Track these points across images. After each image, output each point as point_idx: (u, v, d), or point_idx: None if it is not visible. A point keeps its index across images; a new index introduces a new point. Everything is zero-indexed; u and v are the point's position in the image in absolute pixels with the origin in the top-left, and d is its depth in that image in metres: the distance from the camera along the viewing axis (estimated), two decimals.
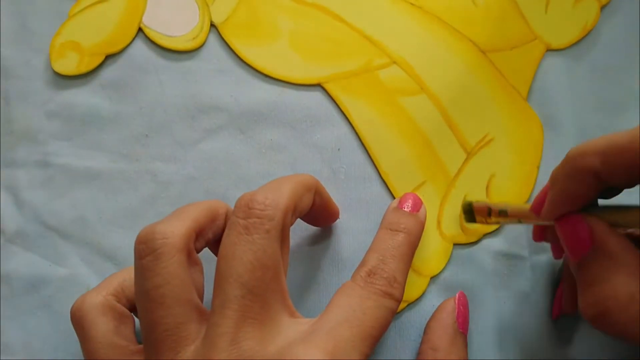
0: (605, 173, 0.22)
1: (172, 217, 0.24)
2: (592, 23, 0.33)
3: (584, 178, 0.22)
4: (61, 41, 0.32)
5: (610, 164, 0.21)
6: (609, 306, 0.21)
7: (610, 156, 0.21)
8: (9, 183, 0.31)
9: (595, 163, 0.22)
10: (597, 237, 0.23)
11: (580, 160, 0.22)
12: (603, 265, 0.22)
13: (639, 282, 0.21)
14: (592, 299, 0.22)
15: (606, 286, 0.22)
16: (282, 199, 0.23)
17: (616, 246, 0.22)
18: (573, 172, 0.23)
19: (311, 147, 0.32)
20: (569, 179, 0.23)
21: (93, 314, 0.24)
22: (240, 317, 0.21)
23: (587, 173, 0.22)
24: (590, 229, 0.23)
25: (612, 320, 0.21)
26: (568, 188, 0.23)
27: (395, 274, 0.25)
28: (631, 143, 0.21)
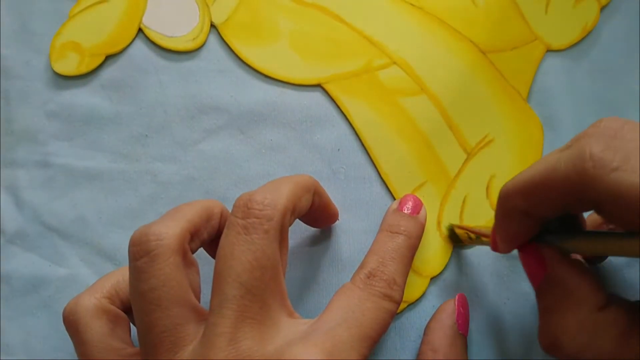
0: (530, 210, 0.22)
1: (166, 217, 0.24)
2: (592, 24, 0.33)
3: (516, 217, 0.23)
4: (61, 41, 0.32)
5: (531, 201, 0.22)
6: (559, 335, 0.22)
7: (529, 195, 0.22)
8: (9, 183, 0.31)
9: (518, 203, 0.22)
10: (549, 266, 0.23)
11: (507, 202, 0.23)
12: (555, 294, 0.22)
13: (587, 310, 0.21)
14: (545, 328, 0.23)
15: (556, 315, 0.22)
16: (280, 199, 0.23)
17: (566, 275, 0.22)
18: (505, 212, 0.23)
19: (311, 148, 0.32)
20: (504, 219, 0.24)
21: (87, 317, 0.24)
22: (238, 317, 0.21)
23: (516, 212, 0.23)
24: (542, 259, 0.23)
25: (563, 350, 0.22)
26: (507, 227, 0.24)
27: (394, 276, 0.25)
28: (544, 179, 0.21)
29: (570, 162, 0.20)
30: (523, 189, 0.22)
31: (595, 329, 0.21)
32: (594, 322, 0.21)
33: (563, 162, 0.20)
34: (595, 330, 0.21)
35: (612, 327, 0.21)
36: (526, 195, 0.22)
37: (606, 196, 0.19)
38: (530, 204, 0.22)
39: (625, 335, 0.20)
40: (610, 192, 0.19)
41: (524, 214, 0.22)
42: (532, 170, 0.22)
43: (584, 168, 0.19)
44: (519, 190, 0.22)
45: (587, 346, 0.21)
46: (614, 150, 0.19)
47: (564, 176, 0.20)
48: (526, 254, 0.24)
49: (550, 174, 0.21)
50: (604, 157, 0.19)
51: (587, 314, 0.21)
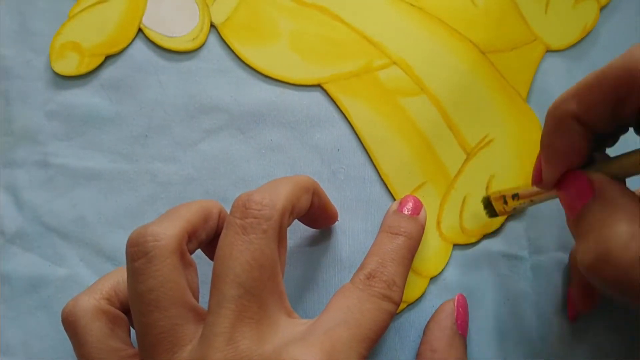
0: (584, 114, 0.22)
1: (163, 218, 0.23)
2: (592, 24, 0.33)
3: (568, 126, 0.22)
4: (61, 42, 0.32)
5: (585, 103, 0.22)
6: (609, 247, 0.21)
7: (583, 96, 0.22)
8: (9, 183, 0.31)
9: (572, 107, 0.22)
10: (597, 186, 0.22)
11: (559, 110, 0.22)
12: (603, 211, 0.22)
13: (639, 225, 0.21)
14: (592, 243, 0.22)
15: (607, 229, 0.21)
16: (279, 199, 0.23)
17: (616, 193, 0.22)
18: (556, 124, 0.23)
19: (311, 148, 0.32)
20: (554, 134, 0.23)
21: (86, 318, 0.24)
22: (237, 317, 0.21)
23: (569, 120, 0.22)
24: (589, 180, 0.23)
25: (611, 263, 0.20)
26: (557, 142, 0.23)
27: (394, 277, 0.25)
28: (598, 78, 0.21)
29: (620, 60, 0.20)
30: (576, 92, 0.22)
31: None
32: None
33: (614, 63, 0.21)
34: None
35: None
36: (580, 96, 0.22)
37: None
38: (584, 106, 0.22)
39: None
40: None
41: (577, 120, 0.22)
42: (584, 77, 0.22)
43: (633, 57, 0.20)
44: (572, 94, 0.22)
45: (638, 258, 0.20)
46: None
47: (617, 69, 0.20)
48: (570, 181, 0.24)
49: (602, 73, 0.21)
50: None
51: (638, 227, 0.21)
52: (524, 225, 0.31)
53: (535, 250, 0.31)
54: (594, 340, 0.30)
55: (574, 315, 0.29)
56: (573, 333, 0.30)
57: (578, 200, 0.23)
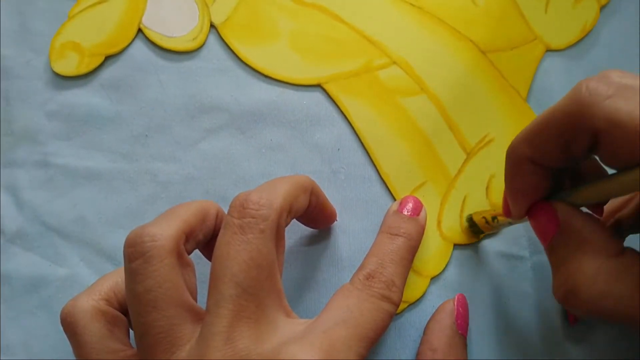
0: (536, 156, 0.23)
1: (160, 218, 0.23)
2: (592, 23, 0.33)
3: (524, 168, 0.23)
4: (61, 42, 0.32)
5: (535, 147, 0.22)
6: (576, 283, 0.22)
7: (533, 140, 0.22)
8: (9, 183, 0.31)
9: (524, 150, 0.23)
10: (562, 219, 0.23)
11: (513, 154, 0.23)
12: (569, 245, 0.23)
13: (603, 257, 0.21)
14: (562, 278, 0.22)
15: (573, 264, 0.22)
16: (276, 199, 0.23)
17: (579, 225, 0.23)
18: (513, 166, 0.24)
19: (311, 147, 0.32)
20: (513, 174, 0.24)
21: (85, 319, 0.24)
22: (235, 316, 0.21)
23: (523, 162, 0.23)
24: (555, 213, 0.23)
25: (581, 296, 0.21)
26: (517, 182, 0.24)
27: (394, 277, 0.25)
28: (544, 122, 0.22)
29: (567, 98, 0.21)
30: (527, 136, 0.23)
31: (613, 274, 0.21)
32: (611, 267, 0.21)
33: (562, 101, 0.21)
34: (613, 275, 0.21)
35: (630, 272, 0.21)
36: (530, 140, 0.22)
37: (602, 122, 0.20)
38: (535, 149, 0.22)
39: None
40: (605, 117, 0.19)
41: (531, 162, 0.23)
42: (534, 120, 0.22)
43: (581, 98, 0.20)
44: (523, 138, 0.23)
45: (606, 292, 0.21)
46: (609, 83, 0.20)
47: (563, 110, 0.21)
48: (537, 212, 0.24)
49: (550, 114, 0.21)
50: (598, 87, 0.20)
51: (604, 259, 0.21)
52: (524, 225, 0.31)
53: (535, 250, 0.31)
54: (594, 341, 0.30)
55: (574, 320, 0.29)
56: (573, 333, 0.30)
57: (546, 232, 0.24)
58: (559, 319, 0.30)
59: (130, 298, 0.22)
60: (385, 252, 0.26)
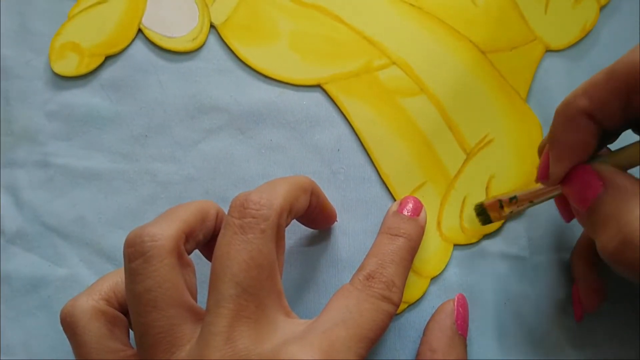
0: (595, 110, 0.22)
1: (160, 218, 0.23)
2: (592, 23, 0.33)
3: (578, 123, 0.23)
4: (61, 42, 0.32)
5: (596, 99, 0.22)
6: (630, 231, 0.21)
7: (594, 93, 0.22)
8: (9, 183, 0.31)
9: (583, 103, 0.23)
10: (607, 178, 0.23)
11: (570, 107, 0.23)
12: (617, 200, 0.22)
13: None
14: (612, 231, 0.22)
15: (625, 216, 0.22)
16: (277, 199, 0.23)
17: (625, 182, 0.23)
18: (566, 121, 0.23)
19: (311, 148, 0.32)
20: (565, 130, 0.24)
21: (85, 319, 0.24)
22: (235, 316, 0.21)
23: (579, 116, 0.23)
24: (597, 174, 0.23)
25: (635, 245, 0.21)
26: (567, 138, 0.24)
27: (394, 278, 0.25)
28: (608, 74, 0.22)
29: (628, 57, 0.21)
30: (587, 89, 0.22)
31: None
32: None
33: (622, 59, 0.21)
34: None
35: None
36: (591, 94, 0.22)
37: None
38: (595, 102, 0.22)
39: None
40: None
41: (587, 118, 0.23)
42: (594, 75, 0.22)
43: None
44: (582, 91, 0.23)
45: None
46: None
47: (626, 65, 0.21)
48: (579, 174, 0.24)
49: (611, 71, 0.21)
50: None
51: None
52: (524, 225, 0.31)
53: (535, 250, 0.31)
54: (594, 341, 0.30)
55: (580, 315, 0.29)
56: (573, 333, 0.30)
57: (588, 194, 0.23)
58: (559, 319, 0.30)
59: (130, 298, 0.22)
60: (385, 252, 0.26)
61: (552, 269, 0.30)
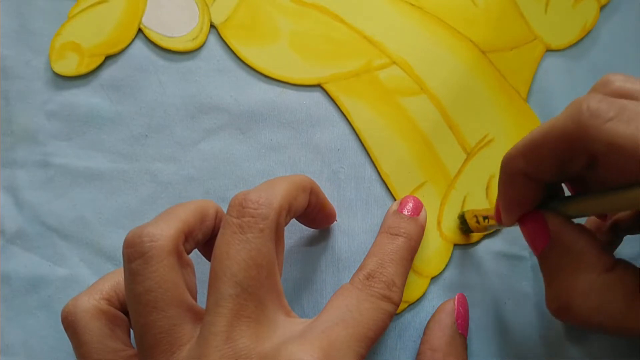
0: (531, 171, 0.22)
1: (159, 218, 0.23)
2: (592, 23, 0.33)
3: (518, 181, 0.23)
4: (61, 42, 0.32)
5: (531, 162, 0.22)
6: (569, 298, 0.22)
7: (529, 155, 0.22)
8: (9, 183, 0.31)
9: (520, 165, 0.23)
10: (553, 231, 0.23)
11: (509, 166, 0.23)
12: (561, 259, 0.23)
13: (596, 272, 0.21)
14: (554, 292, 0.23)
15: (565, 279, 0.22)
16: (275, 198, 0.23)
17: (572, 238, 0.23)
18: (507, 177, 0.24)
19: (311, 148, 0.32)
20: (506, 185, 0.24)
21: (86, 318, 0.24)
22: (234, 316, 0.21)
23: (518, 175, 0.23)
24: (546, 224, 0.23)
25: (573, 312, 0.22)
26: (510, 194, 0.24)
27: (394, 277, 0.25)
28: (542, 138, 0.21)
29: (567, 116, 0.20)
30: (523, 149, 0.22)
31: (605, 289, 0.21)
32: (603, 282, 0.21)
33: (561, 118, 0.21)
34: (605, 290, 0.21)
35: (622, 287, 0.21)
36: (526, 155, 0.22)
37: (602, 146, 0.19)
38: (530, 164, 0.22)
39: (635, 296, 0.21)
40: (605, 141, 0.19)
41: (525, 176, 0.23)
42: (532, 132, 0.22)
43: (580, 119, 0.20)
44: (519, 152, 0.22)
45: (598, 307, 0.21)
46: (610, 102, 0.20)
47: (562, 130, 0.20)
48: (529, 222, 0.24)
49: (548, 131, 0.21)
50: (599, 107, 0.20)
51: (596, 275, 0.21)
52: None
53: None
54: (594, 341, 0.29)
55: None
56: (573, 333, 0.30)
57: (537, 244, 0.24)
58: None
59: (129, 298, 0.22)
60: (386, 252, 0.26)
61: None
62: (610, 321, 0.21)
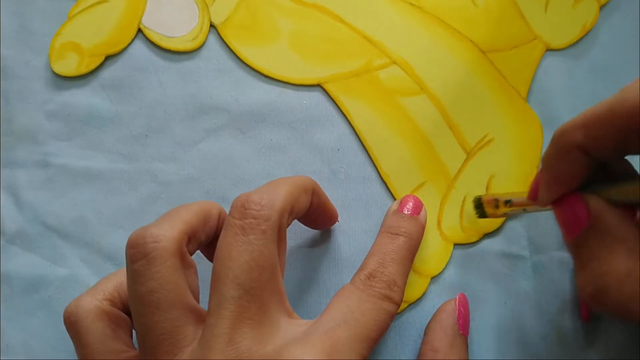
0: (590, 145, 0.22)
1: (162, 219, 0.23)
2: (592, 23, 0.33)
3: (571, 155, 0.22)
4: (61, 42, 0.32)
5: (592, 135, 0.21)
6: (606, 283, 0.21)
7: (591, 128, 0.21)
8: (9, 183, 0.31)
9: (578, 137, 0.22)
10: (594, 214, 0.22)
11: (565, 138, 0.22)
12: (600, 242, 0.22)
13: (637, 258, 0.21)
14: (590, 276, 0.22)
15: (604, 262, 0.21)
16: (278, 199, 0.23)
17: (614, 222, 0.22)
18: (560, 151, 0.23)
19: (311, 148, 0.32)
20: (557, 159, 0.23)
21: (88, 319, 0.24)
22: (236, 318, 0.21)
23: (573, 149, 0.22)
24: (586, 206, 0.23)
25: (610, 298, 0.21)
26: (558, 168, 0.23)
27: (394, 277, 0.25)
28: (609, 111, 0.21)
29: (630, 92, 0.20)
30: (585, 122, 0.21)
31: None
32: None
33: (625, 97, 0.20)
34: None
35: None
36: (589, 128, 0.21)
37: None
38: (591, 138, 0.21)
39: None
40: None
41: (581, 151, 0.22)
42: (595, 106, 0.21)
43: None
44: (580, 124, 0.22)
45: (635, 294, 0.20)
46: None
47: (629, 110, 0.20)
48: (568, 203, 0.23)
49: (614, 105, 0.20)
50: None
51: (636, 261, 0.21)
52: (525, 225, 0.31)
53: (536, 249, 0.31)
54: (595, 341, 0.30)
55: (587, 315, 0.29)
56: (573, 333, 0.30)
57: (574, 226, 0.23)
58: (560, 319, 0.30)
59: (132, 299, 0.22)
60: (386, 251, 0.26)
61: (553, 269, 0.30)
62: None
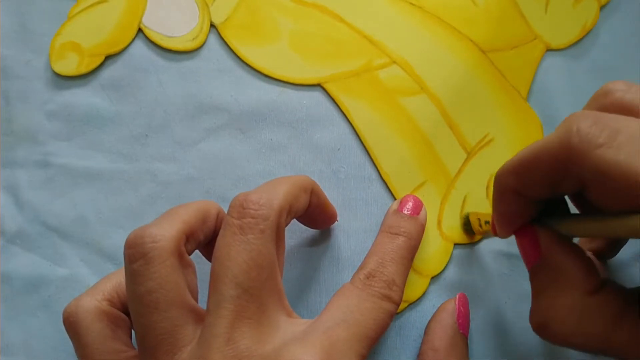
0: (521, 189, 0.22)
1: (161, 219, 0.23)
2: (592, 23, 0.33)
3: (508, 197, 0.23)
4: (61, 42, 0.32)
5: (522, 180, 0.22)
6: (550, 316, 0.22)
7: (520, 174, 0.22)
8: (9, 183, 0.31)
9: (510, 182, 0.22)
10: (544, 249, 0.23)
11: (499, 183, 0.23)
12: (548, 276, 0.22)
13: (581, 294, 0.21)
14: (536, 309, 0.22)
15: (549, 296, 0.22)
16: (276, 199, 0.23)
17: (561, 257, 0.22)
18: (499, 193, 0.23)
19: (311, 147, 0.32)
20: (499, 201, 0.24)
21: (88, 319, 0.24)
22: (235, 317, 0.21)
23: (508, 193, 0.23)
24: (537, 241, 0.23)
25: (552, 330, 0.21)
26: (502, 208, 0.24)
27: (394, 277, 0.25)
28: (534, 158, 0.21)
29: (557, 138, 0.20)
30: (514, 168, 0.22)
31: (584, 314, 0.21)
32: (583, 306, 0.21)
33: (551, 139, 0.20)
34: (585, 314, 0.21)
35: (602, 313, 0.20)
36: (517, 173, 0.22)
37: (590, 173, 0.19)
38: (520, 183, 0.22)
39: (615, 321, 0.20)
40: (594, 168, 0.19)
41: (516, 193, 0.23)
42: (524, 150, 0.22)
43: (570, 143, 0.19)
44: (510, 169, 0.22)
45: (576, 330, 0.21)
46: (602, 126, 0.19)
47: (551, 152, 0.20)
48: (522, 236, 0.24)
49: (539, 152, 0.21)
50: (590, 132, 0.19)
51: (577, 297, 0.21)
52: None
53: None
54: None
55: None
56: None
57: (529, 258, 0.24)
58: None
59: (131, 299, 0.22)
60: (386, 251, 0.26)
61: None
62: (590, 343, 0.21)
